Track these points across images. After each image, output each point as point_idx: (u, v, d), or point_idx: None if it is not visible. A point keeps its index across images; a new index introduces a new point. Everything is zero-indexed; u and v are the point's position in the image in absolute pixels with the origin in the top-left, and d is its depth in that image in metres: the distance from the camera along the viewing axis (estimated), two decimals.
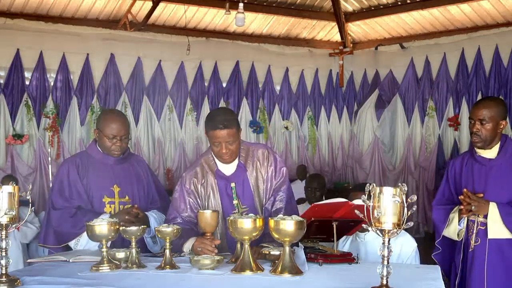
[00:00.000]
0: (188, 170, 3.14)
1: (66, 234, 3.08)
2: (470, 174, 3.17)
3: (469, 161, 3.21)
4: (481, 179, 3.11)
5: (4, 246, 2.10)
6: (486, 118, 3.03)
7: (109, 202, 3.19)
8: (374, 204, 1.88)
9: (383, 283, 1.89)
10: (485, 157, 3.13)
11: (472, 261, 3.09)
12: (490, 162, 3.11)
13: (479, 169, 3.13)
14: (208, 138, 3.02)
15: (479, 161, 3.14)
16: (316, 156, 10.63)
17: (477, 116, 3.06)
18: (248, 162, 3.06)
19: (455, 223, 3.11)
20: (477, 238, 3.05)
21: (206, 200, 3.06)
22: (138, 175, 3.36)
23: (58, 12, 8.53)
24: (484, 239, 3.04)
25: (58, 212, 3.12)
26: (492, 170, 3.09)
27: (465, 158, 3.27)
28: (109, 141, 3.17)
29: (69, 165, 3.22)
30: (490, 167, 3.10)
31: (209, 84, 9.86)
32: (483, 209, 2.99)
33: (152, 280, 2.26)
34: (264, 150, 3.12)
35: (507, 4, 8.48)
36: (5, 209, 2.07)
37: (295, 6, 9.88)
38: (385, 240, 1.87)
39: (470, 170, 3.18)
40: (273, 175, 3.05)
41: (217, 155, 3.01)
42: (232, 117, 3.00)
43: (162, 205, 3.40)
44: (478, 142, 3.09)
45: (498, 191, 3.05)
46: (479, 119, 3.05)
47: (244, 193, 3.03)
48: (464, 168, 3.22)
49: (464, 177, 3.20)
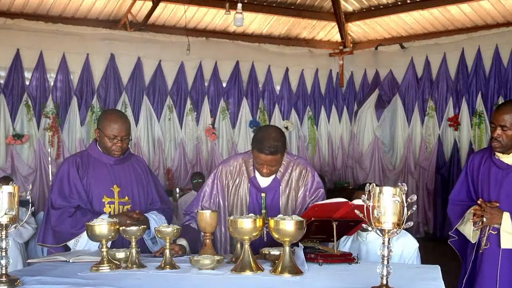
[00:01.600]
0: (225, 164, 3.21)
1: (65, 234, 3.07)
2: (487, 176, 3.13)
3: (488, 161, 3.16)
4: (497, 183, 3.07)
5: (4, 246, 2.10)
6: (508, 124, 2.95)
7: (109, 202, 3.19)
8: (374, 204, 1.88)
9: (383, 283, 1.89)
10: (504, 161, 3.08)
11: (481, 264, 3.07)
12: (508, 167, 3.06)
13: (496, 172, 3.09)
14: (252, 152, 3.04)
15: (497, 165, 3.10)
16: (316, 156, 10.63)
17: (499, 122, 2.98)
18: (284, 178, 3.12)
19: (470, 224, 3.08)
20: (487, 242, 3.04)
21: (232, 198, 3.14)
22: (138, 175, 3.35)
23: (58, 12, 8.53)
24: (495, 243, 3.02)
25: (57, 211, 3.11)
26: (508, 176, 3.05)
27: (484, 156, 3.21)
28: (110, 141, 3.16)
29: (69, 164, 3.21)
30: (507, 172, 3.06)
31: (209, 84, 9.86)
32: (495, 219, 2.97)
33: (152, 280, 2.26)
34: (303, 169, 3.15)
35: (507, 4, 8.48)
36: (5, 209, 2.07)
37: (295, 6, 9.88)
38: (385, 240, 1.87)
39: (487, 171, 3.13)
40: (307, 194, 3.11)
41: (257, 169, 3.08)
42: (280, 143, 2.96)
43: (162, 206, 3.40)
44: (498, 148, 3.03)
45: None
46: (500, 125, 2.98)
47: (272, 205, 3.09)
48: (482, 167, 3.17)
49: (481, 178, 3.16)
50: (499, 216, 2.96)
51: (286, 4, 9.79)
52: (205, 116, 9.80)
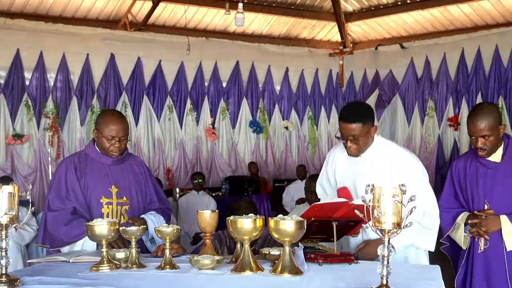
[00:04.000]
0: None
1: (58, 241, 3.05)
2: (475, 178, 3.12)
3: (473, 163, 3.15)
4: (487, 183, 3.06)
5: (4, 246, 2.10)
6: (487, 132, 2.95)
7: (107, 203, 3.16)
8: (374, 204, 1.88)
9: (383, 283, 1.89)
10: (491, 160, 3.08)
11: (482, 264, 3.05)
12: (496, 166, 3.06)
13: (485, 172, 3.08)
14: None
15: (484, 164, 3.09)
16: (316, 156, 10.63)
17: (479, 134, 2.96)
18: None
19: (461, 231, 3.07)
20: (487, 242, 3.03)
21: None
22: (136, 175, 3.33)
23: (58, 12, 8.53)
24: (494, 243, 3.01)
25: (53, 213, 3.08)
26: (497, 174, 3.04)
27: (468, 159, 3.20)
28: (108, 142, 3.14)
29: (67, 165, 3.19)
30: (495, 170, 3.05)
31: (209, 84, 9.86)
32: (494, 225, 2.96)
33: (152, 280, 2.26)
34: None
35: (507, 4, 8.48)
36: (5, 209, 2.07)
37: (295, 6, 9.88)
38: (385, 240, 1.87)
39: (475, 173, 3.12)
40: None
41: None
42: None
43: (160, 206, 3.38)
44: (486, 155, 3.03)
45: (504, 195, 3.01)
46: (481, 136, 2.96)
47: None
48: (468, 170, 3.16)
49: (469, 180, 3.14)
50: (496, 222, 2.96)
51: (286, 4, 9.79)
52: (205, 116, 9.81)
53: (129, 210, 3.22)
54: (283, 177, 10.24)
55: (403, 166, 2.87)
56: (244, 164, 9.99)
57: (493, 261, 3.02)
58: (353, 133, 2.84)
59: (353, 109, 2.95)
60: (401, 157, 2.91)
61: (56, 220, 3.06)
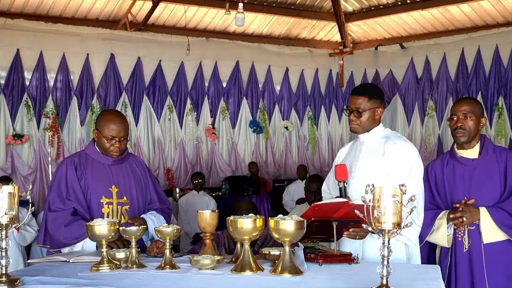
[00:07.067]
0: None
1: (58, 242, 3.05)
2: (452, 176, 3.13)
3: (450, 162, 3.17)
4: (465, 181, 3.08)
5: (4, 246, 2.10)
6: (469, 113, 3.04)
7: (107, 203, 3.16)
8: (374, 204, 1.87)
9: (383, 283, 1.89)
10: (467, 157, 3.11)
11: (468, 262, 3.06)
12: (473, 163, 3.08)
13: (462, 170, 3.10)
14: None
15: (461, 162, 3.11)
16: (316, 156, 10.64)
17: (461, 111, 3.06)
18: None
19: (443, 229, 3.06)
20: (469, 239, 3.04)
21: None
22: (137, 175, 3.33)
23: (58, 12, 8.53)
24: (476, 239, 3.02)
25: (53, 214, 3.08)
26: (475, 170, 3.06)
27: (444, 159, 3.23)
28: (108, 142, 3.14)
29: (68, 165, 3.19)
30: (473, 167, 3.07)
31: (209, 84, 9.86)
32: (474, 216, 2.97)
33: (152, 280, 2.26)
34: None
35: (507, 4, 8.49)
36: (5, 209, 2.07)
37: (295, 6, 9.89)
38: (385, 240, 1.87)
39: (452, 172, 3.14)
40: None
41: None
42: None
43: (161, 206, 3.38)
44: (462, 136, 3.06)
45: (483, 192, 3.02)
46: (463, 113, 3.05)
47: None
48: (445, 170, 3.18)
49: (447, 179, 3.16)
50: (477, 212, 2.97)
51: (286, 4, 9.80)
52: (205, 116, 9.81)
53: (130, 210, 3.22)
54: (283, 177, 10.26)
55: (398, 153, 2.89)
56: (244, 164, 9.99)
57: (474, 256, 3.03)
58: (358, 106, 2.91)
59: (364, 85, 3.22)
60: (399, 144, 2.93)
61: (56, 221, 3.06)
